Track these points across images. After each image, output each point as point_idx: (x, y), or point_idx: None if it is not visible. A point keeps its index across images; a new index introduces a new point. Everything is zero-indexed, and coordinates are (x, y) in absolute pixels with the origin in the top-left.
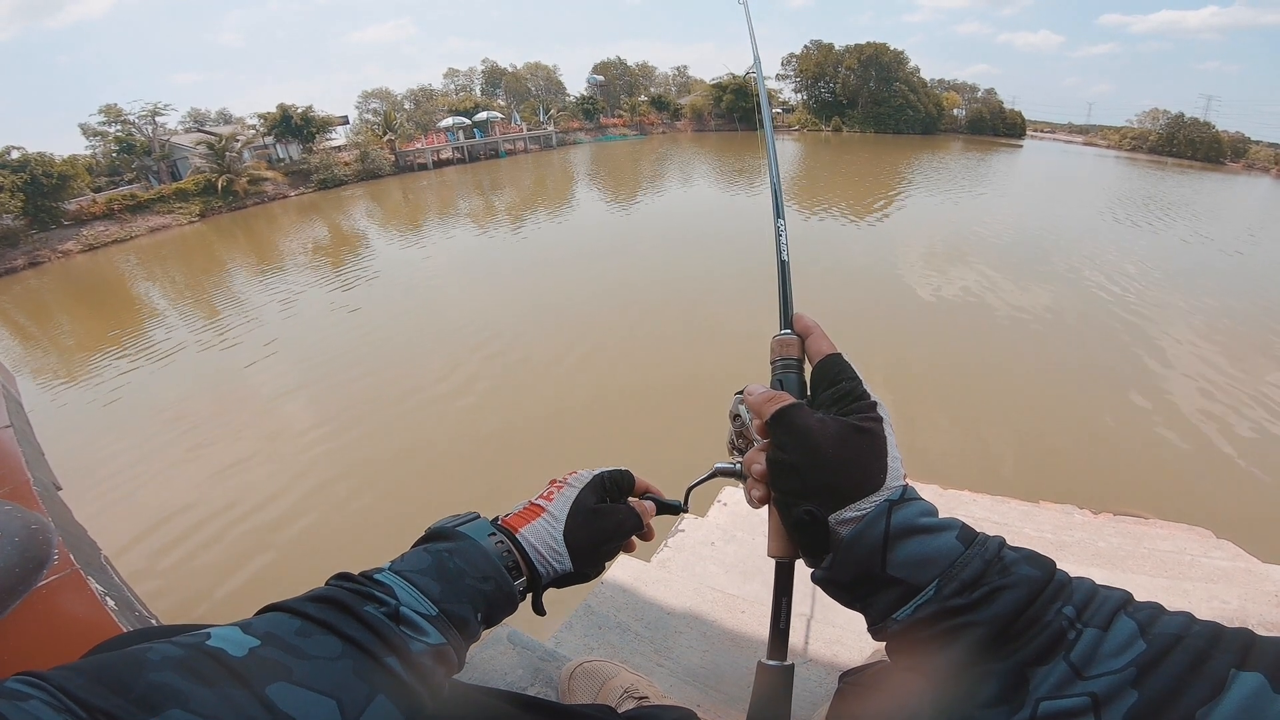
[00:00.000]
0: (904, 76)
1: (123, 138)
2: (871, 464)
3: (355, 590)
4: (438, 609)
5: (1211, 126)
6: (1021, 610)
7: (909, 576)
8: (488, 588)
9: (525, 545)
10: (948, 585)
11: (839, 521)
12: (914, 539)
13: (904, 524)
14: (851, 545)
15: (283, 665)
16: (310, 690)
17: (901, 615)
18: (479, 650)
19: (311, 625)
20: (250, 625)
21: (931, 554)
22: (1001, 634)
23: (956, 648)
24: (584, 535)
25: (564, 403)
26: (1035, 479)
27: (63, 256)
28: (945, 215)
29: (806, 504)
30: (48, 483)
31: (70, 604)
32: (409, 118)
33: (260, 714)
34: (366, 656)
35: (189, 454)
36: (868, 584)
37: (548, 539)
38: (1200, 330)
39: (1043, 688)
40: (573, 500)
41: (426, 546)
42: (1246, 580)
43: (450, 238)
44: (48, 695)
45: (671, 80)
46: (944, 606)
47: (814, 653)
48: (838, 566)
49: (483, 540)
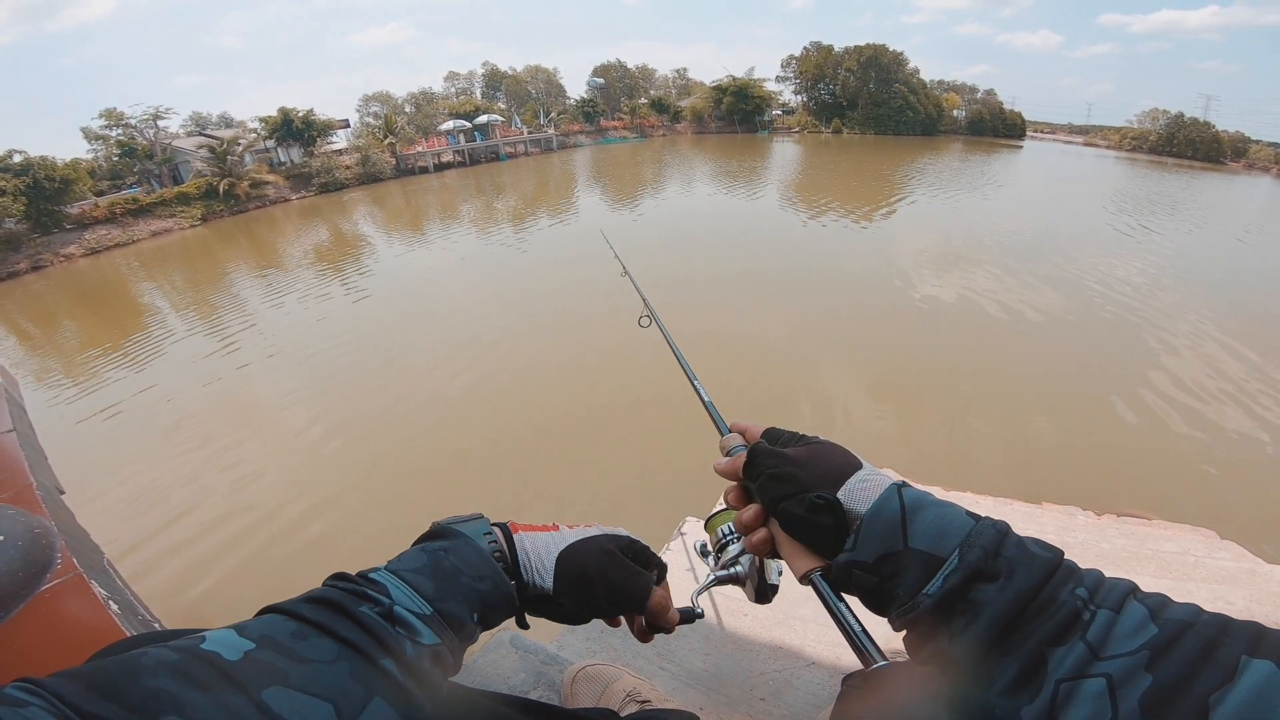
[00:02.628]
0: (904, 78)
1: (124, 141)
2: (843, 455)
3: (350, 590)
4: (432, 608)
5: (1211, 126)
6: (1039, 587)
7: (931, 548)
8: (484, 587)
9: (519, 547)
10: (970, 552)
11: (850, 498)
12: (929, 510)
13: (916, 499)
14: (873, 521)
15: (278, 669)
16: (306, 694)
17: (933, 589)
18: (481, 654)
19: (307, 627)
20: (246, 628)
21: (949, 524)
22: (1022, 611)
23: (980, 624)
24: (576, 568)
25: (570, 408)
26: (1038, 480)
27: (65, 260)
28: (947, 217)
29: (814, 491)
30: (51, 487)
31: (73, 608)
32: (409, 121)
33: (256, 719)
34: (362, 659)
35: (191, 457)
36: (892, 560)
37: (543, 550)
38: (1203, 329)
39: (1061, 668)
40: (591, 535)
41: (423, 545)
42: (1251, 581)
43: (452, 241)
44: (45, 702)
45: (671, 83)
46: (971, 571)
47: (816, 655)
48: (862, 544)
49: (478, 539)
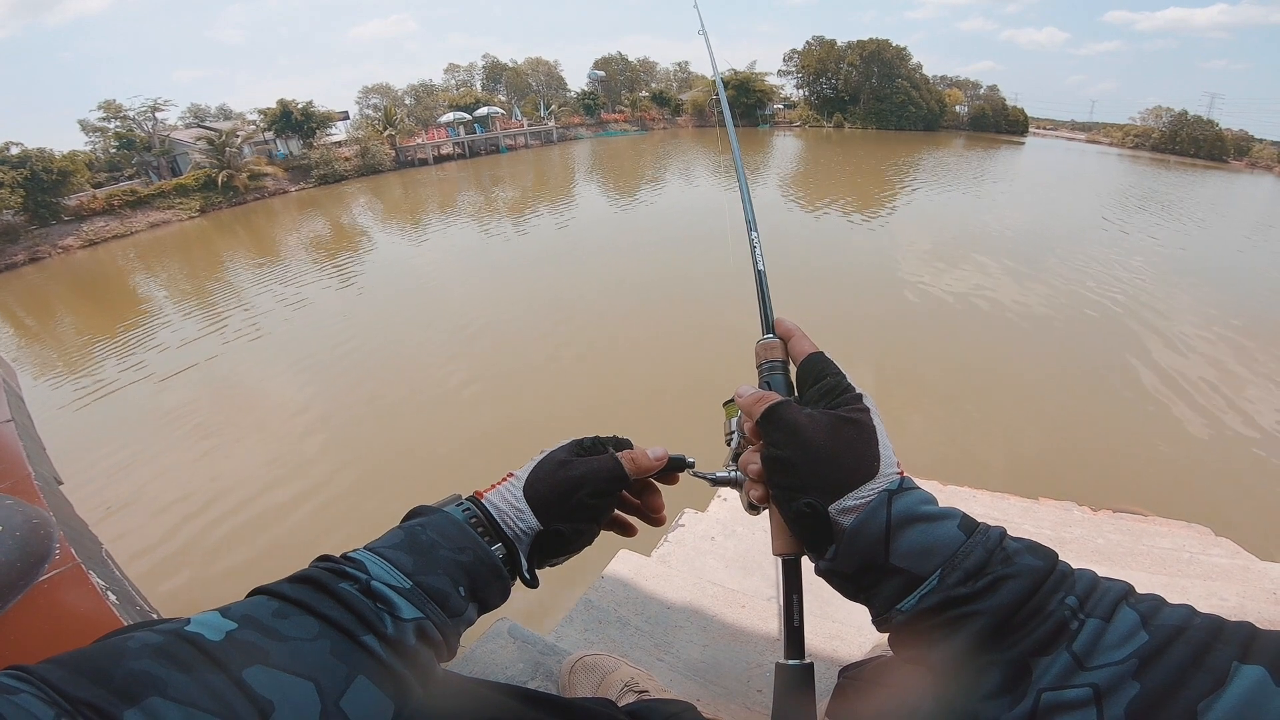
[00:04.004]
0: (906, 73)
1: (122, 133)
2: (864, 452)
3: (330, 569)
4: (411, 581)
5: (1215, 124)
6: (1024, 600)
7: (912, 566)
8: (465, 558)
9: (490, 508)
10: (951, 574)
11: (840, 511)
12: (916, 527)
13: (905, 512)
14: (854, 536)
15: (259, 648)
16: (287, 673)
17: (906, 606)
18: (479, 644)
19: (289, 606)
20: (230, 609)
21: (934, 543)
22: (1004, 624)
23: (960, 638)
24: (545, 487)
25: (566, 399)
26: (1034, 476)
27: (63, 252)
28: (949, 213)
29: (805, 497)
30: (49, 477)
31: (72, 598)
32: (409, 113)
33: (237, 698)
34: (343, 636)
35: (189, 447)
36: (871, 574)
37: (509, 497)
38: (1200, 327)
39: (1045, 678)
40: (539, 459)
41: (402, 525)
42: (1245, 577)
43: (450, 233)
44: (35, 688)
45: (673, 76)
46: (948, 596)
47: (814, 648)
48: (841, 557)
49: (455, 513)
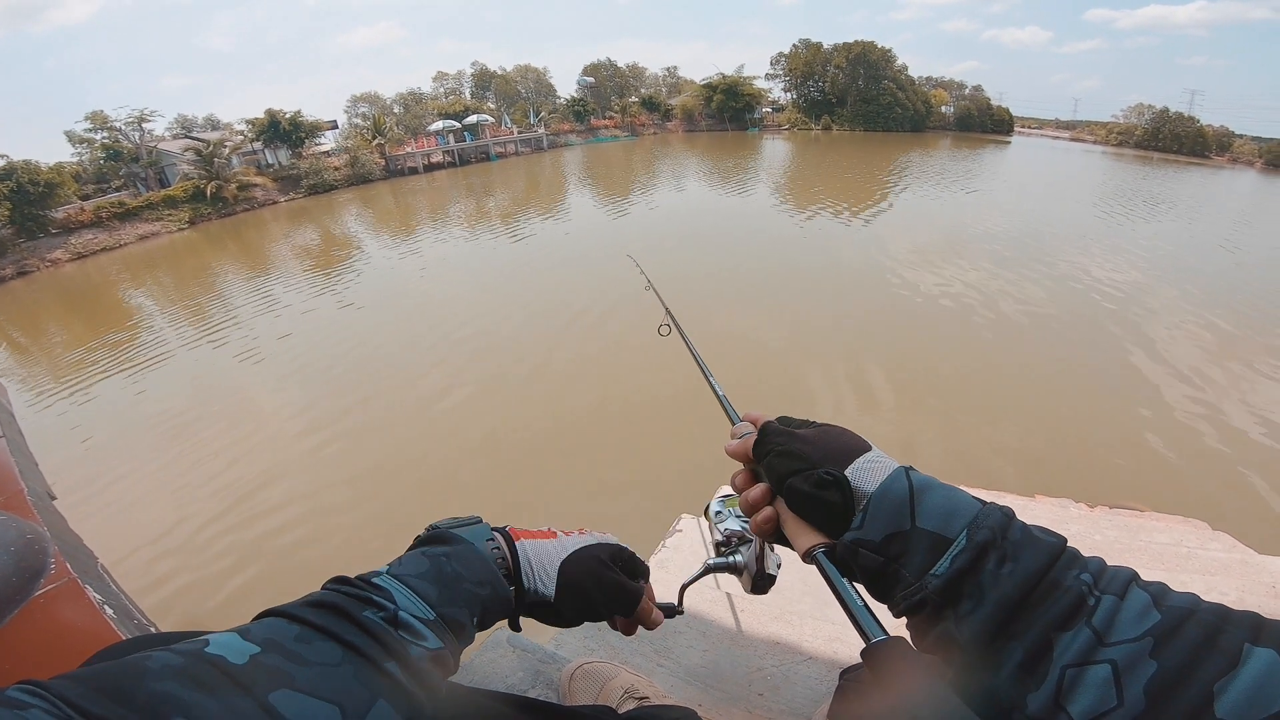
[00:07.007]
0: (892, 74)
1: (109, 144)
2: (851, 436)
3: (353, 595)
4: (435, 613)
5: (1196, 121)
6: (1045, 570)
7: (939, 528)
8: (484, 592)
9: (522, 555)
10: (978, 533)
11: (857, 475)
12: (937, 491)
13: (924, 481)
14: (881, 500)
15: (285, 672)
16: (313, 697)
17: (940, 569)
18: (479, 653)
19: (311, 631)
20: (249, 631)
21: (956, 506)
22: (1028, 596)
23: (986, 608)
24: (579, 573)
25: (564, 410)
26: (1030, 473)
27: (51, 265)
28: (936, 213)
29: (822, 468)
30: (42, 492)
31: (68, 613)
32: (398, 122)
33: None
34: (367, 662)
35: (183, 461)
36: (899, 540)
37: (545, 559)
38: (1193, 323)
39: (1068, 654)
40: (588, 544)
41: (424, 550)
42: (1243, 571)
43: (442, 242)
44: (48, 704)
45: (662, 81)
46: (979, 553)
47: (814, 650)
48: (870, 523)
49: (480, 545)
